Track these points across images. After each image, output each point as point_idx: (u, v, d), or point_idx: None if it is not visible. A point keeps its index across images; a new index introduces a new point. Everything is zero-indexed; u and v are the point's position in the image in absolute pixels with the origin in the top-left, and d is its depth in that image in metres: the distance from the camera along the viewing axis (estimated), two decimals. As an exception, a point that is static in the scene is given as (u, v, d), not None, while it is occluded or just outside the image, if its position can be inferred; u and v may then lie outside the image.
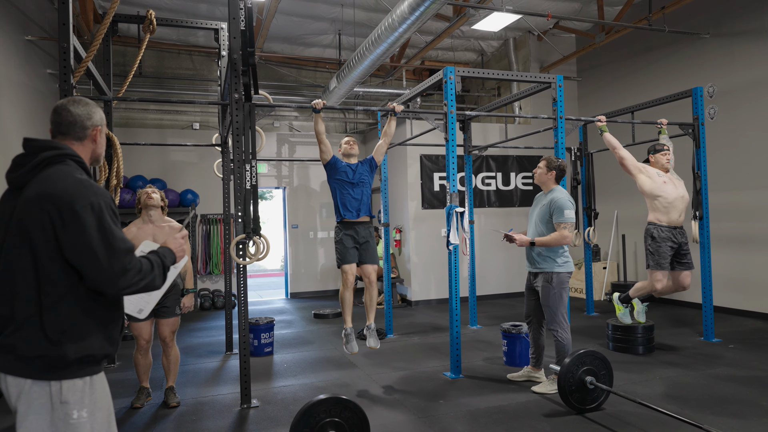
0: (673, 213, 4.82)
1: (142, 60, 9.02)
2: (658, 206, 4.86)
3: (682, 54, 7.56)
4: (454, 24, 6.97)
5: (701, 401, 3.78)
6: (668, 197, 4.82)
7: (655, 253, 4.81)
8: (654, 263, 4.82)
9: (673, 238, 4.82)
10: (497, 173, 8.83)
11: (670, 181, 4.91)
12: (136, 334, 3.99)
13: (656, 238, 4.81)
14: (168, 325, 4.04)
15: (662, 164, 4.98)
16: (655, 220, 4.89)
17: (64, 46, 3.65)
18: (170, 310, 4.01)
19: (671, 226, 4.84)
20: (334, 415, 2.81)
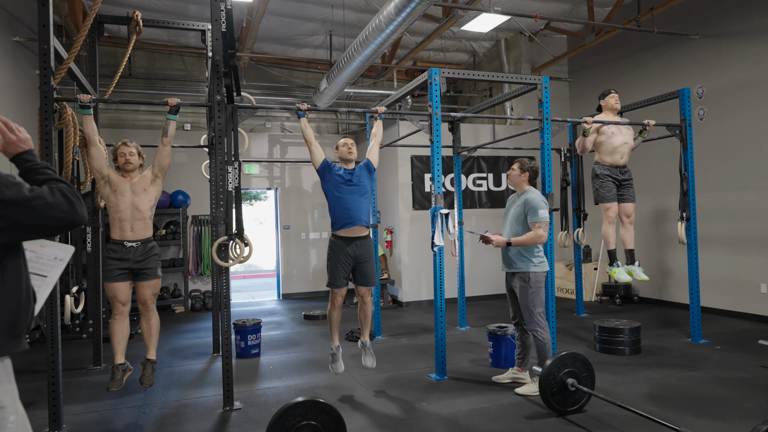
0: (616, 155, 5.29)
1: (133, 61, 9.01)
2: (603, 150, 5.33)
3: (672, 55, 7.57)
4: (443, 25, 6.97)
5: (683, 403, 3.78)
6: (614, 143, 5.28)
7: (600, 188, 5.30)
8: (601, 196, 5.30)
9: (612, 175, 5.28)
10: (488, 174, 8.83)
11: (618, 131, 5.30)
12: (111, 296, 3.84)
13: (599, 175, 5.30)
14: (149, 288, 3.91)
15: (612, 105, 5.38)
16: (599, 161, 5.38)
17: (44, 47, 3.62)
18: (151, 271, 3.90)
19: (613, 165, 5.29)
20: (310, 418, 2.81)
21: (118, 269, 3.82)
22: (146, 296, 3.92)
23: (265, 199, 16.51)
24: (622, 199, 5.37)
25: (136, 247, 3.86)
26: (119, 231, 3.84)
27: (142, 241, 3.89)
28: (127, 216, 3.83)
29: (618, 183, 5.33)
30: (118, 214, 3.82)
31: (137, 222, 3.86)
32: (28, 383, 4.49)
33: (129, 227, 3.84)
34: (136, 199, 3.86)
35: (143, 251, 3.88)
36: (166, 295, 8.51)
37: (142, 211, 3.87)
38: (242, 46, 8.28)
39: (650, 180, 7.83)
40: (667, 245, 7.63)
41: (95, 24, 5.39)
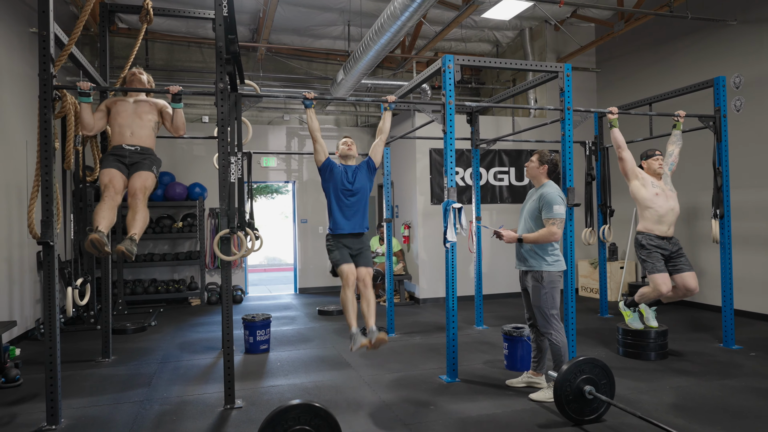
0: (663, 225, 4.73)
1: (152, 53, 8.98)
2: (648, 217, 4.76)
3: (707, 42, 7.15)
4: (463, 12, 6.70)
5: (713, 415, 3.50)
6: (659, 210, 4.72)
7: (648, 259, 4.71)
8: (650, 268, 4.70)
9: (661, 247, 4.72)
10: (510, 168, 8.55)
11: (663, 193, 4.76)
12: (105, 182, 3.70)
13: (645, 246, 4.73)
14: (140, 178, 3.77)
15: (654, 170, 4.82)
16: (644, 230, 4.80)
17: (44, 34, 3.53)
18: (145, 165, 3.84)
19: (660, 236, 4.73)
20: (303, 422, 2.65)
21: (115, 160, 3.77)
22: (136, 186, 3.75)
23: (287, 193, 16.46)
24: (678, 269, 4.69)
25: (135, 150, 3.81)
26: (119, 136, 3.78)
27: (142, 147, 3.83)
28: (128, 122, 3.79)
29: (667, 255, 4.72)
30: (118, 120, 3.77)
31: (138, 129, 3.81)
32: (40, 374, 4.45)
33: (129, 132, 3.78)
34: (138, 109, 3.82)
35: (141, 153, 3.83)
36: (182, 288, 8.49)
37: (143, 120, 3.82)
38: (258, 37, 8.16)
39: (682, 175, 7.41)
40: (700, 244, 7.24)
41: (106, 13, 5.31)
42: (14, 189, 5.70)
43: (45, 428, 3.43)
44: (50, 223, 3.49)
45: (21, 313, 5.82)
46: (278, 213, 18.93)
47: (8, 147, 5.59)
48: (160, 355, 5.30)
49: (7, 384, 4.31)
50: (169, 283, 8.51)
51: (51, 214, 3.51)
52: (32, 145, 5.85)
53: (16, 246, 5.71)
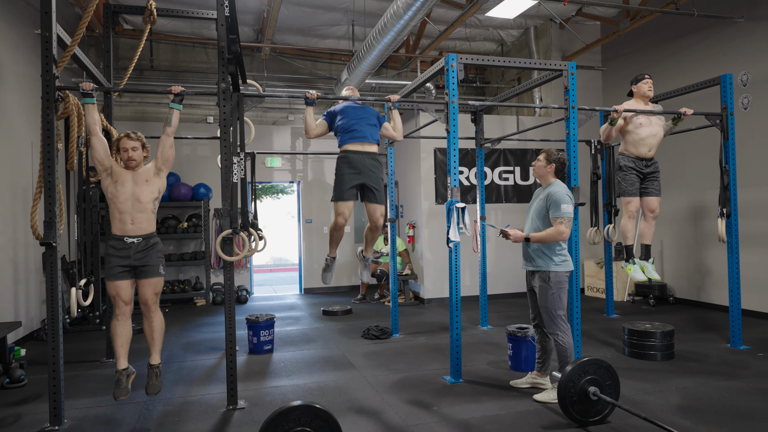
0: (642, 147, 4.99)
1: (157, 54, 9.01)
2: (629, 140, 5.03)
3: (714, 40, 7.08)
4: (467, 11, 6.67)
5: (719, 416, 3.45)
6: (641, 134, 4.97)
7: (623, 181, 5.01)
8: (622, 190, 5.03)
9: (637, 168, 5.00)
10: (515, 167, 8.50)
11: (647, 122, 4.98)
12: (113, 294, 3.62)
13: (622, 167, 5.04)
14: (150, 286, 3.66)
15: (644, 92, 5.02)
16: (623, 151, 5.10)
17: (46, 35, 3.54)
18: (153, 268, 3.64)
19: (638, 157, 5.00)
20: (304, 423, 2.63)
21: (119, 266, 3.58)
22: (147, 295, 3.67)
23: (292, 193, 16.48)
24: (646, 192, 5.07)
25: (137, 243, 3.60)
26: (119, 224, 3.60)
27: (144, 236, 3.63)
28: (127, 208, 3.58)
29: (642, 176, 5.04)
30: (117, 206, 3.58)
31: (138, 214, 3.61)
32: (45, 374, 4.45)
33: (129, 220, 3.59)
34: (137, 190, 3.60)
35: (145, 246, 3.62)
36: (187, 288, 8.51)
37: (143, 203, 3.62)
38: (263, 37, 8.16)
39: (688, 173, 7.38)
40: (706, 243, 7.18)
41: (109, 14, 5.32)
42: (20, 190, 5.73)
43: (48, 429, 3.44)
44: (53, 224, 3.50)
45: (26, 314, 5.85)
46: (284, 213, 18.96)
47: (13, 148, 5.62)
48: (165, 355, 5.30)
49: (12, 384, 4.33)
50: (174, 284, 8.53)
51: (54, 215, 3.52)
52: (37, 146, 5.88)
53: (21, 247, 5.74)
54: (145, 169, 3.71)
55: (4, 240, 5.36)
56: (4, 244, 5.35)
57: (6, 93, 5.49)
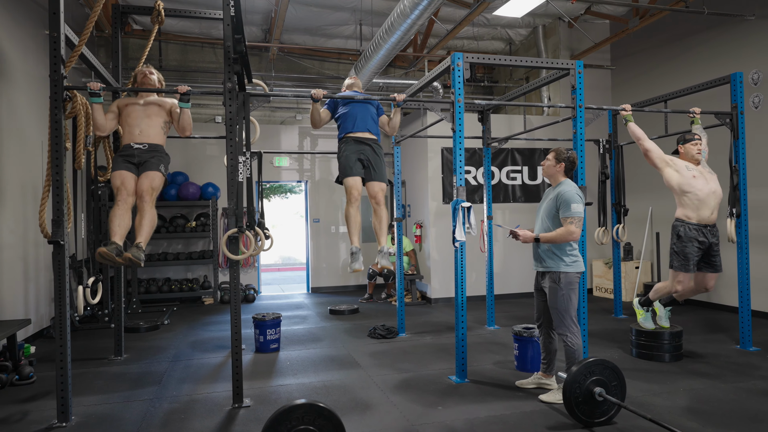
0: (704, 210, 4.44)
1: (166, 54, 9.07)
2: (687, 202, 4.47)
3: (724, 38, 7.00)
4: (474, 10, 6.65)
5: (728, 418, 3.42)
6: (699, 193, 4.44)
7: (680, 254, 4.45)
8: (678, 264, 4.48)
9: (700, 238, 4.44)
10: (523, 167, 8.46)
11: (701, 175, 4.50)
12: (116, 185, 3.79)
13: (682, 237, 4.45)
14: (148, 179, 3.83)
15: (692, 155, 4.56)
16: (683, 217, 4.50)
17: (54, 35, 3.57)
18: (153, 164, 3.88)
19: (701, 224, 4.46)
20: (308, 422, 2.64)
21: (125, 161, 3.85)
22: (144, 187, 3.82)
23: (300, 193, 16.53)
24: (709, 267, 4.46)
25: (143, 148, 3.88)
26: (128, 135, 3.88)
27: (150, 144, 3.90)
28: (137, 122, 3.87)
29: (707, 247, 4.44)
30: (128, 120, 3.86)
31: (147, 127, 3.88)
32: (54, 371, 4.51)
33: (138, 131, 3.86)
34: (148, 110, 3.91)
35: (149, 151, 3.89)
36: (195, 287, 8.56)
37: (152, 120, 3.90)
38: (270, 37, 8.19)
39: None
40: (716, 243, 7.09)
41: (118, 14, 5.36)
42: (30, 189, 5.79)
43: (56, 425, 3.48)
44: (61, 223, 3.53)
45: (36, 312, 5.91)
46: (292, 212, 19.02)
47: (24, 147, 5.68)
48: (172, 353, 5.34)
49: (21, 381, 4.37)
50: (183, 282, 8.58)
51: (62, 214, 3.55)
52: (47, 145, 5.93)
53: (31, 245, 5.80)
54: (160, 99, 4.05)
55: (15, 238, 5.42)
56: (14, 242, 5.40)
57: (16, 93, 5.55)
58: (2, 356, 4.64)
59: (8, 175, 5.28)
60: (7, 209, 5.23)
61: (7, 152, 5.27)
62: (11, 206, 5.33)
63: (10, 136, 5.34)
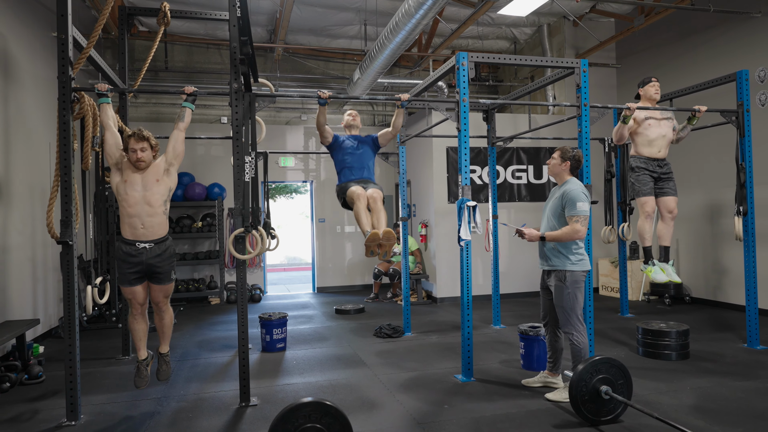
0: (652, 148, 4.98)
1: (171, 55, 9.12)
2: (639, 141, 5.01)
3: (730, 36, 6.97)
4: (479, 9, 6.65)
5: (735, 417, 3.41)
6: (650, 135, 4.96)
7: (636, 182, 4.99)
8: (636, 191, 5.00)
9: (649, 168, 4.97)
10: (528, 166, 8.45)
11: (656, 123, 4.97)
12: (129, 298, 3.71)
13: (634, 168, 5.02)
14: (162, 291, 3.74)
15: (651, 96, 5.01)
16: (634, 153, 5.08)
17: (62, 37, 3.61)
18: (165, 276, 3.70)
19: (650, 158, 4.97)
20: (314, 420, 2.65)
21: (132, 272, 3.60)
22: (159, 298, 3.76)
23: (305, 193, 16.56)
24: (662, 192, 5.01)
25: (150, 248, 3.60)
26: (130, 229, 3.58)
27: (156, 241, 3.63)
28: (138, 212, 3.56)
29: (656, 177, 4.99)
30: (128, 209, 3.56)
31: (149, 219, 3.59)
32: (62, 371, 4.54)
33: (140, 224, 3.57)
34: (147, 194, 3.57)
35: (157, 252, 3.62)
36: (202, 287, 8.59)
37: (154, 207, 3.60)
38: (275, 37, 8.22)
39: (704, 171, 7.28)
40: (723, 242, 7.07)
41: (124, 16, 5.40)
42: (38, 190, 5.83)
43: (65, 424, 3.51)
44: (69, 223, 3.57)
45: (45, 312, 5.96)
46: (298, 213, 19.06)
47: (32, 149, 5.72)
48: (179, 353, 5.37)
49: (31, 380, 4.42)
50: (189, 282, 8.63)
51: (70, 214, 3.58)
52: (54, 146, 5.97)
53: (39, 246, 5.84)
54: (155, 167, 3.66)
55: (23, 239, 5.47)
56: (23, 243, 5.45)
57: (24, 94, 5.60)
58: (11, 356, 4.68)
59: (16, 176, 5.33)
60: (15, 210, 5.28)
61: (15, 153, 5.31)
62: (19, 207, 5.38)
63: (17, 137, 5.39)
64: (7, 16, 5.34)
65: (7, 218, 5.11)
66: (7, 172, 5.13)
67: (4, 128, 5.12)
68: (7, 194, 5.13)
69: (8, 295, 5.07)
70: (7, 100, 5.22)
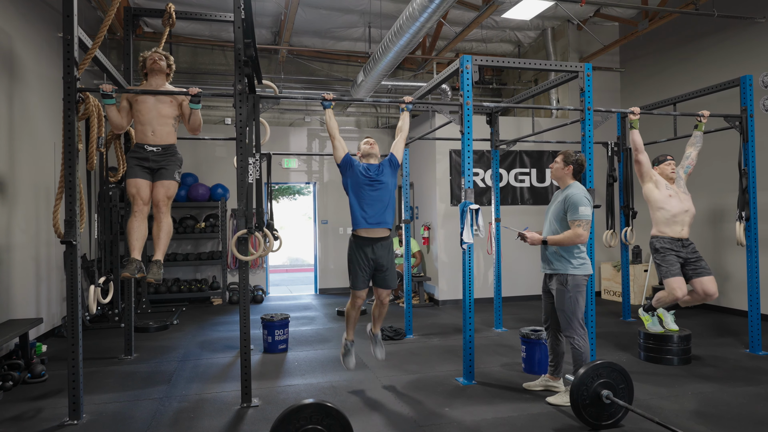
0: (676, 227, 4.72)
1: (176, 56, 9.14)
2: (660, 219, 4.76)
3: (734, 40, 6.97)
4: (483, 13, 6.66)
5: (736, 422, 3.41)
6: (672, 210, 4.71)
7: (662, 263, 4.68)
8: (664, 273, 4.66)
9: (675, 249, 4.68)
10: (531, 169, 8.46)
11: (676, 195, 4.75)
12: (132, 193, 3.88)
13: (659, 249, 4.72)
14: (163, 188, 3.94)
15: (667, 175, 4.82)
16: (657, 233, 4.80)
17: (68, 38, 3.63)
18: (168, 172, 3.95)
19: (674, 238, 4.70)
20: (315, 422, 2.66)
21: (139, 166, 3.90)
22: (159, 196, 3.91)
23: (308, 194, 16.59)
24: (697, 273, 4.63)
25: (157, 150, 3.93)
26: (141, 135, 3.94)
27: (164, 146, 3.96)
28: (149, 119, 3.91)
29: (683, 259, 4.67)
30: (140, 118, 3.91)
31: (159, 127, 3.93)
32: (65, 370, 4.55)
33: (150, 131, 3.91)
34: (159, 106, 3.94)
35: (163, 154, 3.95)
36: (204, 287, 8.61)
37: (164, 116, 3.94)
38: (280, 39, 8.24)
39: (707, 176, 7.27)
40: (725, 247, 7.06)
41: (130, 17, 5.42)
42: (42, 189, 5.86)
43: (67, 423, 3.52)
44: (74, 223, 3.58)
45: (48, 311, 5.98)
46: (301, 214, 19.08)
47: (36, 148, 5.75)
48: (181, 353, 5.39)
49: (33, 379, 4.43)
50: (192, 283, 8.65)
51: (75, 214, 3.60)
52: (59, 146, 6.00)
53: (43, 245, 5.87)
54: (172, 97, 4.06)
55: (27, 238, 5.49)
56: (26, 242, 5.48)
57: (29, 94, 5.63)
58: (15, 355, 4.70)
59: (20, 176, 5.35)
60: (19, 209, 5.30)
61: (19, 153, 5.34)
62: (23, 206, 5.41)
63: (22, 137, 5.41)
64: (14, 16, 5.37)
65: (11, 217, 5.13)
66: (11, 172, 5.15)
67: (9, 128, 5.15)
68: (12, 193, 5.15)
69: (12, 294, 5.09)
70: (13, 100, 5.25)
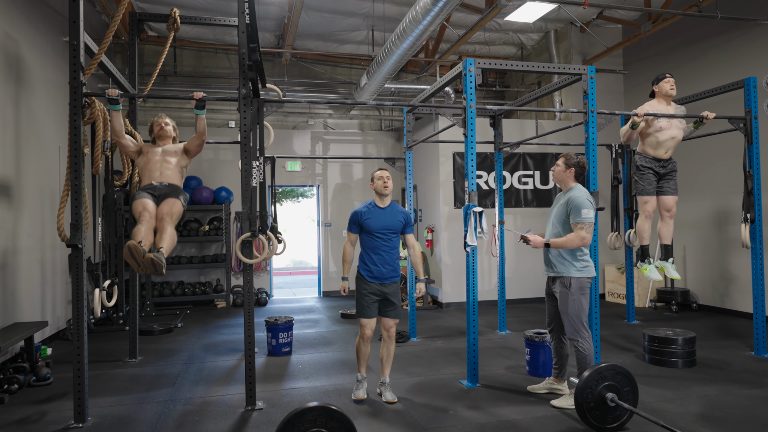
0: (660, 150, 5.01)
1: (180, 60, 9.20)
2: (648, 142, 5.04)
3: (737, 43, 6.96)
4: (486, 16, 6.67)
5: (741, 425, 3.39)
6: (659, 138, 4.98)
7: (640, 181, 5.05)
8: (639, 189, 5.06)
9: (654, 168, 5.02)
10: (535, 172, 8.45)
11: (668, 126, 4.96)
12: (140, 210, 3.90)
13: (639, 167, 5.06)
14: (168, 204, 4.01)
15: (666, 91, 4.99)
16: (641, 151, 5.12)
17: (74, 43, 3.65)
18: (173, 194, 4.07)
19: (655, 158, 5.02)
20: (320, 425, 2.67)
21: (146, 192, 4.00)
22: (164, 211, 3.94)
23: (312, 197, 16.61)
24: (662, 191, 5.08)
25: (164, 185, 4.06)
26: (148, 179, 4.07)
27: (170, 184, 4.09)
28: (157, 166, 4.06)
29: (659, 176, 5.07)
30: (148, 166, 4.06)
31: (166, 171, 4.08)
32: (70, 373, 4.58)
33: (158, 173, 4.06)
34: (166, 156, 4.12)
35: (169, 187, 4.07)
36: (208, 290, 8.63)
37: (171, 163, 4.10)
38: (283, 43, 8.27)
39: (712, 178, 7.26)
40: (730, 249, 7.04)
41: (135, 22, 5.46)
42: (47, 193, 5.89)
43: (72, 426, 3.54)
44: (79, 227, 3.60)
45: (53, 314, 6.00)
46: (304, 217, 19.11)
47: (42, 152, 5.78)
48: (186, 356, 5.40)
49: (39, 382, 4.45)
50: (196, 286, 8.67)
51: (80, 218, 3.62)
52: (64, 150, 6.03)
53: (48, 248, 5.90)
54: (175, 146, 4.24)
55: (32, 242, 5.52)
56: (31, 245, 5.50)
57: (35, 99, 5.66)
58: (20, 358, 4.72)
59: (26, 180, 5.39)
60: (25, 213, 5.33)
61: (25, 157, 5.37)
62: (29, 210, 5.44)
63: (28, 140, 5.45)
64: (20, 21, 5.41)
65: (17, 221, 5.16)
66: (17, 175, 5.18)
67: (16, 132, 5.18)
68: (18, 197, 5.18)
69: (17, 297, 5.12)
70: (19, 104, 5.28)
